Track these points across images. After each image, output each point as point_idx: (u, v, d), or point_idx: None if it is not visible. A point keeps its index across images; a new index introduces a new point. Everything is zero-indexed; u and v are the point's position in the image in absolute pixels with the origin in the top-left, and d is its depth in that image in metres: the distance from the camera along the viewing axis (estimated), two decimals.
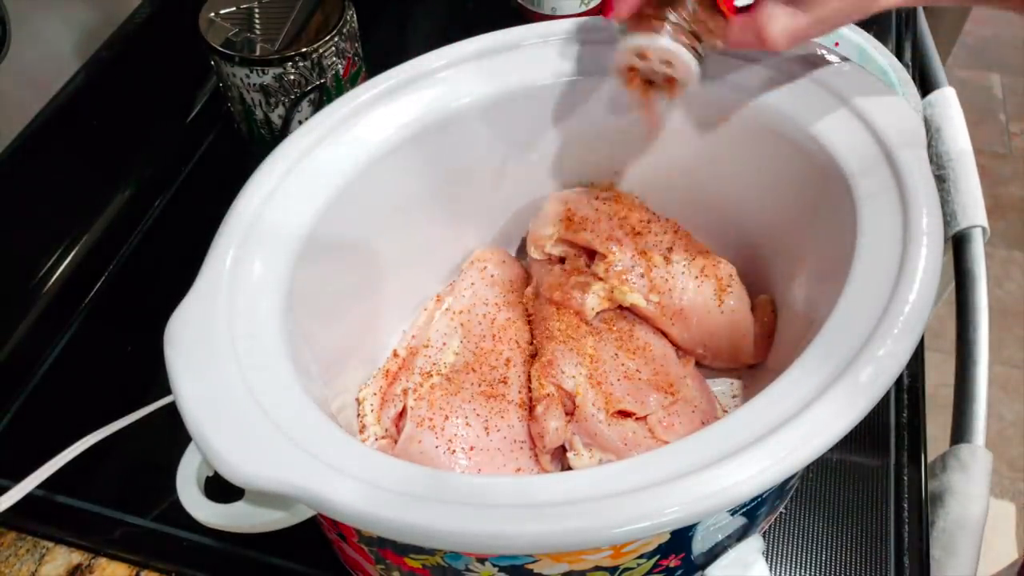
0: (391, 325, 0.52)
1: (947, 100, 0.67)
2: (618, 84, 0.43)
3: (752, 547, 0.40)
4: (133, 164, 0.68)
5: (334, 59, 0.60)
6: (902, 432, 0.52)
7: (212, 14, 0.60)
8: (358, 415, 0.48)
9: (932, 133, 0.66)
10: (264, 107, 0.61)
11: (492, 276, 0.52)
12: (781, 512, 0.48)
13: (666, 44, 0.39)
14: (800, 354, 0.34)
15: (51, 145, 0.61)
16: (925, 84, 0.72)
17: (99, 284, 0.62)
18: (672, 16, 0.39)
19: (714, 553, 0.39)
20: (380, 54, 0.69)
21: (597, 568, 0.35)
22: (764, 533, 0.44)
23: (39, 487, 0.46)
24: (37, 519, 0.49)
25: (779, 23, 0.38)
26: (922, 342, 0.50)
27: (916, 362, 0.54)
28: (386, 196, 0.46)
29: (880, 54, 0.63)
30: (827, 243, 0.42)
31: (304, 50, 0.58)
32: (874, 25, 0.74)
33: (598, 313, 0.49)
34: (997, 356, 1.43)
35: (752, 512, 0.38)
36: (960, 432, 0.54)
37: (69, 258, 0.62)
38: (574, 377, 0.45)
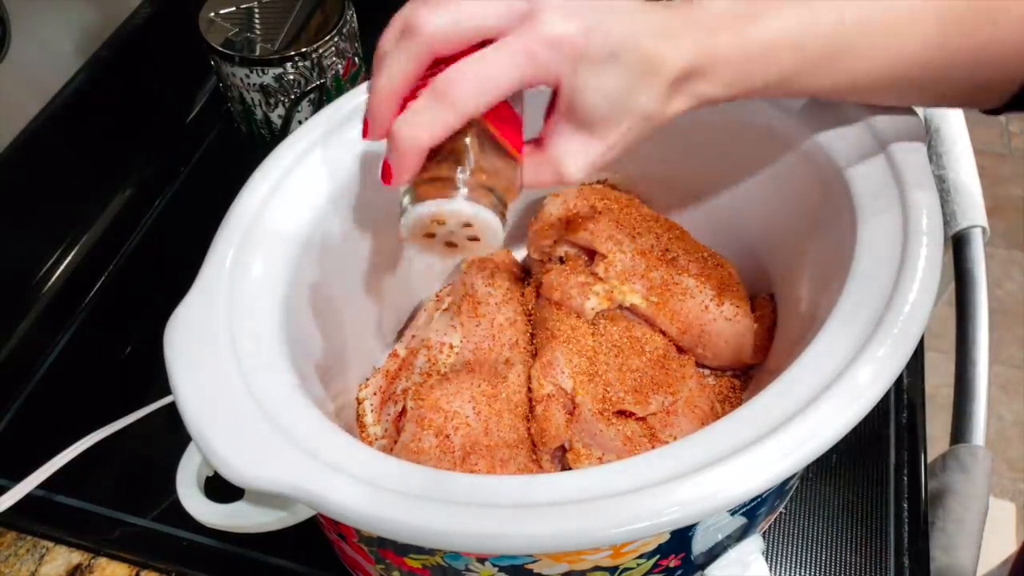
0: (391, 325, 0.52)
1: None
2: (413, 251, 0.38)
3: (752, 547, 0.40)
4: (133, 164, 0.68)
5: (334, 59, 0.60)
6: (902, 432, 0.52)
7: (212, 14, 0.60)
8: (358, 415, 0.48)
9: (932, 133, 0.66)
10: (264, 107, 0.61)
11: (492, 276, 0.52)
12: (781, 512, 0.48)
13: (462, 207, 0.33)
14: (800, 354, 0.34)
15: (51, 145, 0.61)
16: None
17: (99, 284, 0.62)
18: (461, 173, 0.33)
19: (714, 553, 0.39)
20: None
21: (597, 568, 0.35)
22: (764, 533, 0.44)
23: (39, 487, 0.46)
24: (37, 519, 0.49)
25: (577, 159, 0.36)
26: (922, 342, 0.50)
27: (916, 362, 0.54)
28: (386, 196, 0.46)
29: None
30: (827, 243, 0.42)
31: (304, 50, 0.58)
32: None
33: (598, 313, 0.49)
34: (997, 356, 1.43)
35: (752, 512, 0.38)
36: (960, 432, 0.54)
37: (69, 258, 0.62)
38: (574, 377, 0.45)
